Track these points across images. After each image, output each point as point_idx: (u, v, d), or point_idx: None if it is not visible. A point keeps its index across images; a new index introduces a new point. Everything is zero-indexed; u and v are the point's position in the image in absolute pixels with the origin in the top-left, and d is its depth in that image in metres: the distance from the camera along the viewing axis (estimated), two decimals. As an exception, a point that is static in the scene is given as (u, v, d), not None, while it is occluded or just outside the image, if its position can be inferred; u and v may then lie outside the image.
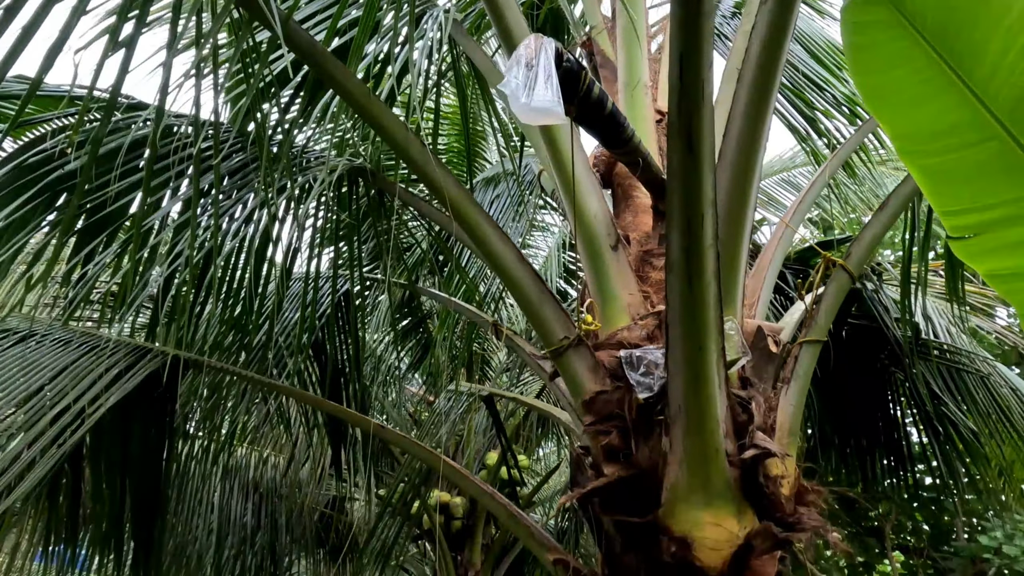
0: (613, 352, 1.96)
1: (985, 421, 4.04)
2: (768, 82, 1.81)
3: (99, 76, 1.58)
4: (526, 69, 1.49)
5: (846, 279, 2.21)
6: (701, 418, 1.73)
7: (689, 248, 1.67)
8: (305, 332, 3.15)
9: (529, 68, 1.49)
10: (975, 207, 1.38)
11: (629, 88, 2.38)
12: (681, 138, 1.61)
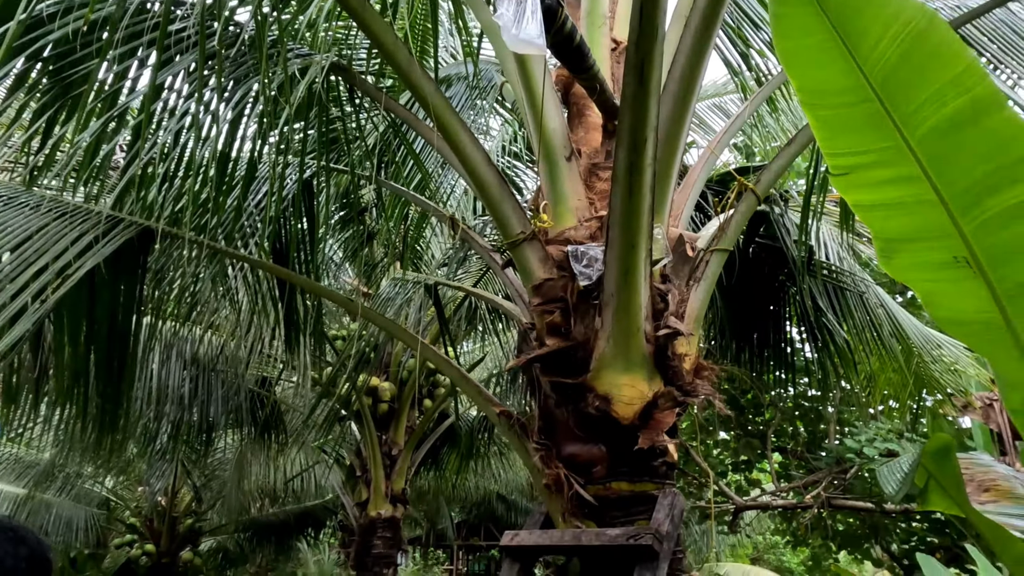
0: (561, 247, 2.36)
1: (860, 336, 4.72)
2: (709, 28, 2.17)
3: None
4: (515, 4, 1.80)
5: (754, 200, 2.66)
6: (628, 303, 2.17)
7: (632, 165, 2.06)
8: (272, 207, 3.41)
9: (518, 3, 1.80)
10: (851, 152, 1.81)
11: (590, 19, 2.68)
12: (635, 72, 1.96)
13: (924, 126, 1.64)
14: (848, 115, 1.76)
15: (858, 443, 8.98)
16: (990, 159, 1.60)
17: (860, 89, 1.69)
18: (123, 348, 3.62)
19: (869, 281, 4.67)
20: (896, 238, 1.85)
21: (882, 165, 1.76)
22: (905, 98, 1.64)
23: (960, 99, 1.56)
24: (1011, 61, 2.91)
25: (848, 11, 1.61)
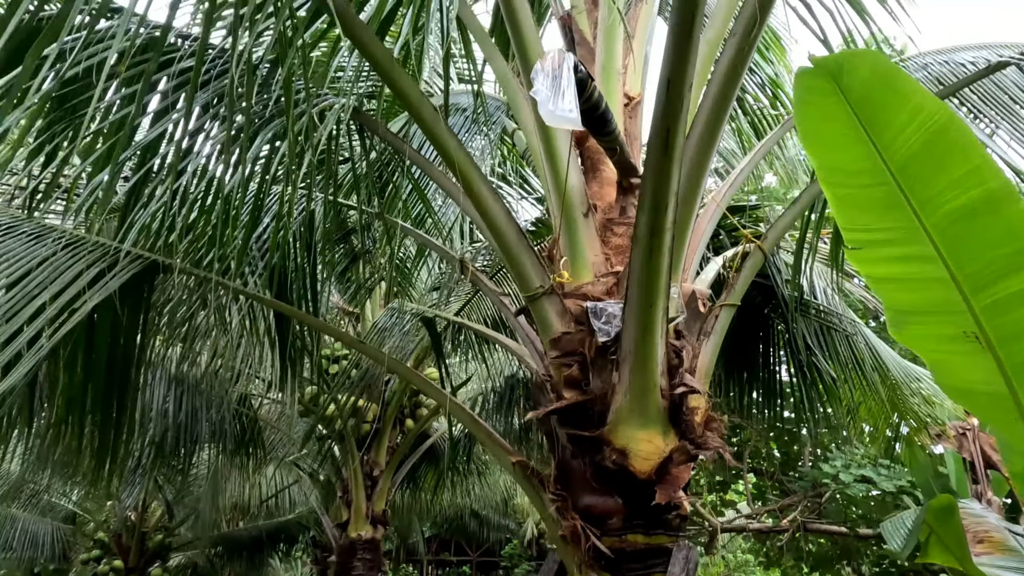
0: (579, 301, 2.43)
1: (844, 370, 4.87)
2: (727, 98, 2.26)
3: None
4: (551, 79, 1.87)
5: (761, 257, 2.76)
6: (645, 360, 2.24)
7: (653, 228, 2.13)
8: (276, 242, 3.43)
9: (553, 79, 1.87)
10: (866, 228, 1.91)
11: (605, 74, 2.77)
12: (660, 141, 2.04)
13: (940, 211, 1.74)
14: (865, 195, 1.85)
15: (834, 468, 9.16)
16: (1003, 246, 1.70)
17: (879, 172, 1.78)
18: (124, 380, 3.60)
19: (857, 321, 4.81)
20: (907, 310, 1.95)
21: (897, 243, 1.86)
22: (923, 184, 1.73)
23: (976, 190, 1.66)
24: (1005, 124, 3.06)
25: (871, 103, 1.70)
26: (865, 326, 5.56)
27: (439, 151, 2.43)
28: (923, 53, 3.86)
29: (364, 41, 2.28)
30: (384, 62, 2.32)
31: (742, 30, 2.17)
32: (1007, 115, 3.04)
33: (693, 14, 1.83)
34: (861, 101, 1.71)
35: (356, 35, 2.26)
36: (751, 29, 2.15)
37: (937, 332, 1.90)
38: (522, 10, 2.46)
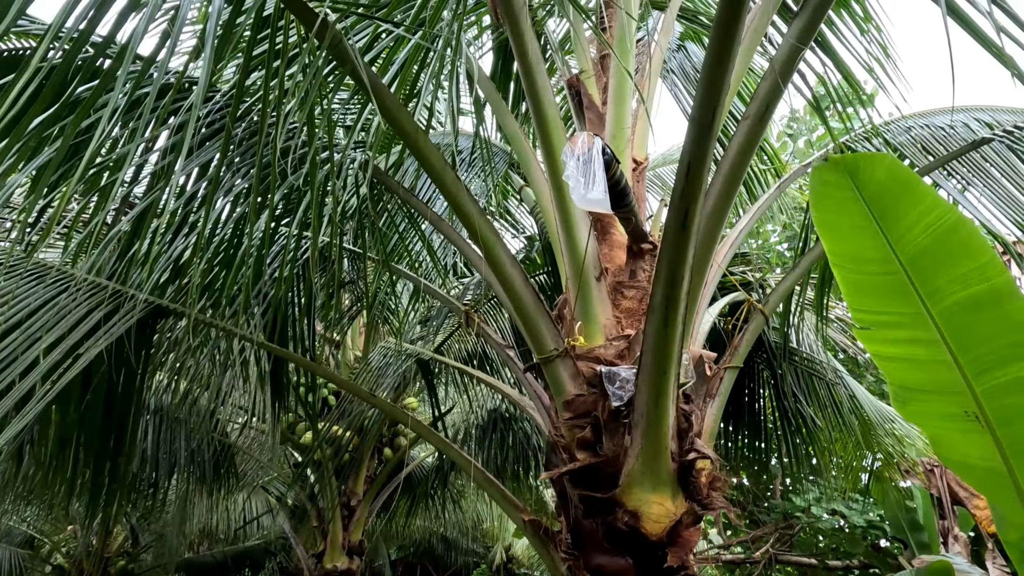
0: (591, 364, 2.51)
1: (823, 412, 5.03)
2: (738, 175, 2.37)
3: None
4: (581, 163, 1.96)
5: (762, 320, 2.87)
6: (657, 424, 2.32)
7: (669, 299, 2.23)
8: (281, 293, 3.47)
9: (583, 163, 1.96)
10: (875, 311, 2.02)
11: (615, 141, 2.87)
12: (678, 218, 2.14)
13: (947, 301, 1.86)
14: (875, 281, 1.97)
15: (805, 501, 9.34)
16: (1004, 336, 1.82)
17: (889, 262, 1.90)
18: (122, 421, 3.58)
19: (837, 367, 4.97)
20: (911, 388, 2.06)
21: (904, 327, 1.98)
22: (931, 275, 1.85)
23: (982, 284, 1.78)
24: (990, 194, 3.23)
25: (885, 200, 1.82)
26: (841, 366, 5.75)
27: (460, 217, 2.50)
28: (904, 116, 4.06)
29: (391, 109, 2.35)
30: (410, 131, 2.39)
31: (755, 113, 2.29)
32: (992, 185, 3.22)
33: (715, 111, 1.94)
34: (875, 198, 1.83)
35: (384, 104, 2.33)
36: (763, 114, 2.27)
37: (939, 410, 2.02)
38: (540, 76, 2.55)
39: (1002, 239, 3.20)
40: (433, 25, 2.44)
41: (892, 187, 1.80)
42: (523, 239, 6.11)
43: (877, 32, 3.67)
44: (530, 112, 2.55)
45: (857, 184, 1.84)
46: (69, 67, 2.04)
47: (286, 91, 2.62)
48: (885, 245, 1.88)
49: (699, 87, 2.01)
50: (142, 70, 1.98)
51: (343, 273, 5.34)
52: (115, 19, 1.88)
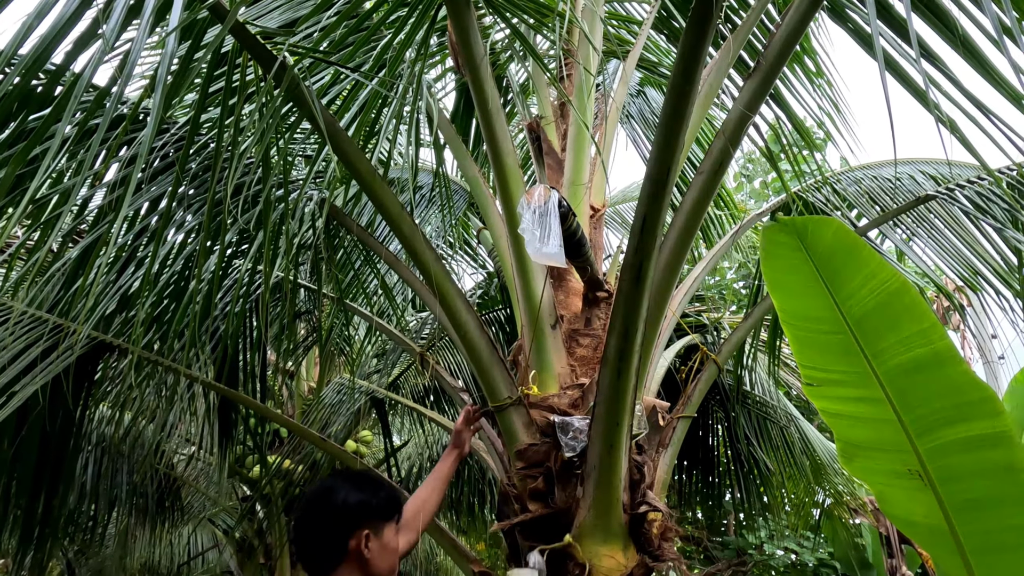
0: (545, 413, 2.49)
1: (776, 454, 5.09)
2: (691, 229, 2.41)
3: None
4: (536, 217, 1.97)
5: (715, 370, 2.90)
6: (609, 476, 2.31)
7: (622, 351, 2.23)
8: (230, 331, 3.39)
9: (539, 216, 1.97)
10: (822, 368, 2.05)
11: (572, 188, 2.90)
12: (633, 272, 2.16)
13: (891, 362, 1.90)
14: (823, 340, 2.00)
15: (758, 538, 9.40)
16: (946, 398, 1.86)
17: (836, 322, 1.94)
18: (58, 458, 3.44)
19: (793, 412, 5.04)
20: (857, 444, 2.09)
21: (850, 385, 2.01)
22: (876, 337, 1.89)
23: (924, 348, 1.83)
24: (934, 245, 3.34)
25: (833, 262, 1.86)
26: (793, 406, 5.84)
27: (416, 263, 2.48)
28: (854, 168, 4.19)
29: (349, 155, 2.33)
30: (367, 177, 2.38)
31: (708, 169, 2.33)
32: (936, 236, 3.33)
33: (669, 169, 1.97)
34: (824, 259, 1.87)
35: (341, 149, 2.32)
36: (716, 169, 2.32)
37: (884, 467, 2.05)
38: (499, 126, 2.56)
39: (945, 289, 3.30)
40: (394, 69, 2.44)
41: (839, 250, 1.85)
42: (483, 274, 6.11)
43: (828, 87, 3.79)
44: (489, 158, 2.55)
45: (806, 245, 1.87)
46: (19, 95, 1.99)
47: (242, 128, 2.59)
48: (833, 306, 1.91)
49: (654, 146, 2.04)
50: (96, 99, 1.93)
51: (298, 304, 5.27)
52: (69, 48, 1.83)
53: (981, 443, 1.87)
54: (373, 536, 1.73)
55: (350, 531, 1.70)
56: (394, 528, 1.80)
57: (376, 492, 1.80)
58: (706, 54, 1.88)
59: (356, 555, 1.70)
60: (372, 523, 1.74)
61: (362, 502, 1.75)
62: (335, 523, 1.71)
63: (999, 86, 2.66)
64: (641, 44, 3.36)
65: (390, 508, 1.80)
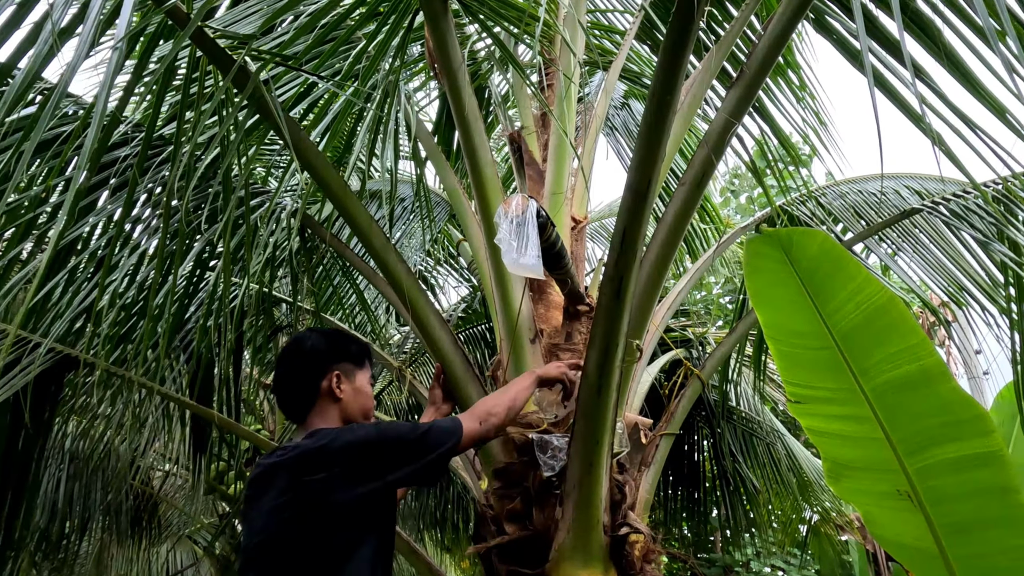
0: (523, 431, 2.41)
1: (762, 470, 5.03)
2: (673, 243, 2.34)
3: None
4: (513, 227, 1.90)
5: (699, 386, 2.83)
6: (590, 496, 2.23)
7: (602, 366, 2.16)
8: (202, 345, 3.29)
9: (516, 226, 1.90)
10: (807, 385, 1.99)
11: (553, 198, 2.83)
12: (613, 286, 2.09)
13: (879, 379, 1.83)
14: (809, 356, 1.94)
15: (744, 556, 9.31)
16: (935, 416, 1.80)
17: (822, 337, 1.87)
18: (20, 479, 3.32)
19: (779, 428, 4.98)
20: (845, 464, 2.03)
21: (837, 402, 1.95)
22: (863, 353, 1.83)
23: (912, 365, 1.77)
24: (919, 260, 3.30)
25: (818, 276, 1.80)
26: (779, 422, 5.79)
27: (388, 278, 2.41)
28: (839, 182, 4.15)
29: (317, 167, 2.26)
30: (336, 189, 2.30)
31: (691, 180, 2.28)
32: (922, 251, 3.30)
33: (650, 180, 1.90)
34: (809, 273, 1.81)
35: (309, 161, 2.25)
36: (699, 181, 2.26)
37: (872, 488, 1.99)
38: (477, 135, 2.49)
39: (930, 304, 3.26)
40: (367, 77, 2.37)
41: (824, 263, 1.79)
42: (468, 287, 6.03)
43: (812, 100, 3.76)
44: (467, 168, 2.49)
45: (791, 258, 1.81)
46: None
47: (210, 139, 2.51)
48: (818, 320, 1.85)
49: (633, 157, 1.97)
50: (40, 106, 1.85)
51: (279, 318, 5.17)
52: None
53: (972, 463, 1.81)
54: (344, 378, 1.79)
55: (321, 373, 1.76)
56: (367, 375, 1.85)
57: (346, 339, 1.88)
58: (687, 62, 1.82)
59: (329, 395, 1.76)
60: (342, 365, 1.80)
61: (331, 345, 1.83)
62: (305, 366, 1.78)
63: (983, 98, 2.63)
64: (624, 54, 3.31)
65: (360, 355, 1.86)
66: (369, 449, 1.62)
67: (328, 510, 1.57)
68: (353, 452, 1.61)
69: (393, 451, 1.65)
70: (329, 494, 1.57)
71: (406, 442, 1.67)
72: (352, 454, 1.61)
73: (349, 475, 1.58)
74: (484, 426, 1.83)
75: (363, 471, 1.60)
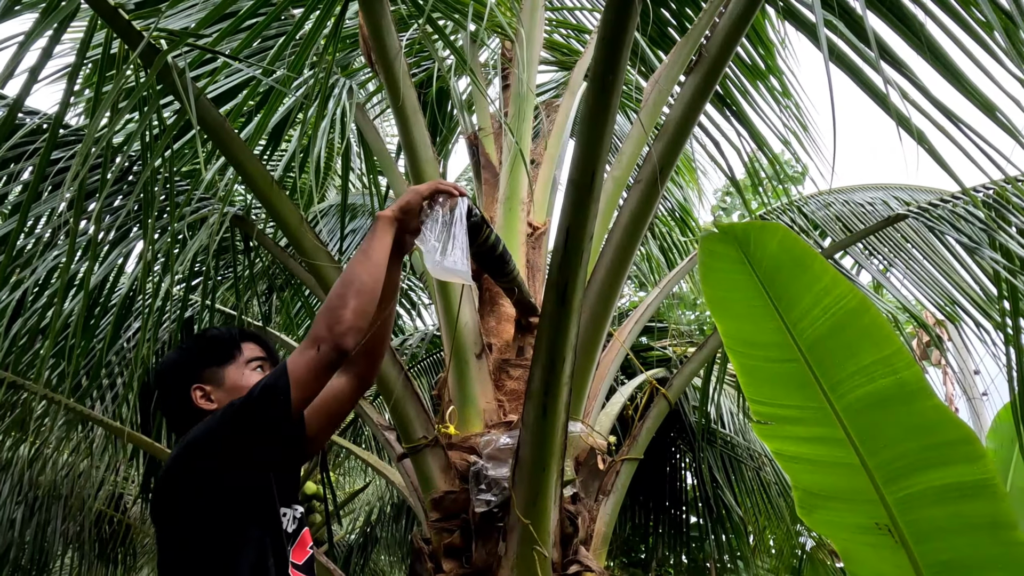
0: (465, 455, 2.17)
1: (750, 497, 4.76)
2: (630, 247, 2.13)
3: None
4: (439, 226, 1.67)
5: (665, 406, 2.60)
6: (536, 529, 1.99)
7: (548, 383, 1.93)
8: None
9: (442, 225, 1.67)
10: (773, 403, 1.75)
11: (508, 204, 2.62)
12: (557, 291, 1.87)
13: (851, 395, 1.60)
14: (773, 369, 1.70)
15: (738, 585, 9.00)
16: (916, 439, 1.56)
17: (787, 348, 1.64)
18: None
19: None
20: (816, 493, 1.79)
21: (805, 423, 1.71)
22: (832, 366, 1.60)
23: (888, 378, 1.54)
24: (911, 275, 3.10)
25: (781, 277, 1.57)
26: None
27: (319, 283, 2.19)
28: (824, 192, 3.95)
29: (238, 155, 2.05)
30: (260, 181, 2.09)
31: (647, 177, 2.07)
32: (914, 266, 3.09)
33: (594, 172, 1.69)
34: (769, 274, 1.58)
35: (228, 148, 2.03)
36: (655, 178, 2.05)
37: (848, 520, 1.74)
38: (416, 128, 2.28)
39: (923, 321, 3.04)
40: (297, 66, 2.17)
41: (786, 262, 1.56)
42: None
43: (797, 109, 3.57)
44: (407, 167, 2.28)
45: (749, 258, 1.59)
46: None
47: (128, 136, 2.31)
48: (782, 328, 1.62)
49: (576, 147, 1.77)
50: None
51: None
52: None
53: (960, 493, 1.57)
54: (211, 386, 1.53)
55: (185, 394, 1.52)
56: (242, 361, 1.55)
57: (202, 341, 1.64)
58: (631, 34, 1.61)
59: (204, 411, 1.50)
60: (204, 374, 1.54)
61: (186, 359, 1.58)
62: (170, 392, 1.56)
63: (970, 95, 2.43)
64: (590, 53, 3.11)
65: (223, 348, 1.57)
66: (201, 450, 1.39)
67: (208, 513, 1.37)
68: (192, 458, 1.40)
69: (218, 446, 1.38)
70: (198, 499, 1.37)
71: (224, 428, 1.38)
72: (191, 462, 1.40)
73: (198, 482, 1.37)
74: (328, 345, 1.35)
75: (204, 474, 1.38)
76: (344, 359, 1.39)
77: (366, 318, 1.42)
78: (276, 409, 1.35)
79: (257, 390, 1.37)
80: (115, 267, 2.56)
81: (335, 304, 1.39)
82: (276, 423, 1.37)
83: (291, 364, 1.37)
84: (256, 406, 1.36)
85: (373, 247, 1.48)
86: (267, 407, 1.35)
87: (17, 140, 2.38)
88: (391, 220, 1.53)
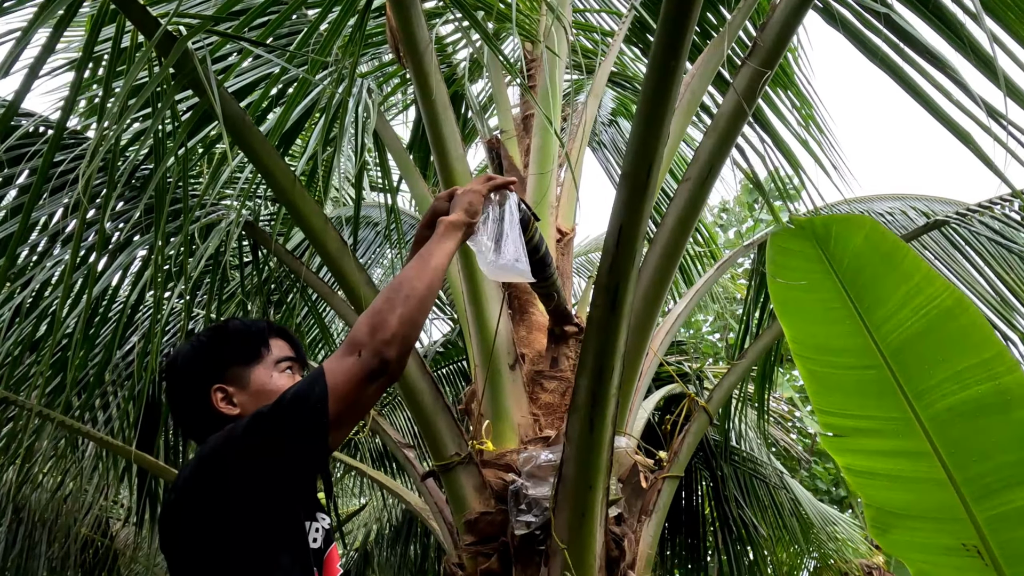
0: (501, 473, 2.03)
1: (764, 514, 4.65)
2: (678, 248, 2.01)
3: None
4: (490, 224, 1.54)
5: (706, 420, 2.46)
6: (581, 553, 1.84)
7: (596, 394, 1.79)
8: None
9: (494, 223, 1.54)
10: (844, 413, 1.62)
11: (538, 209, 2.49)
12: (607, 296, 1.73)
13: (939, 404, 1.47)
14: (849, 377, 1.57)
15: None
16: (1014, 451, 1.43)
17: (867, 353, 1.51)
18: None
19: (780, 469, 4.61)
20: (894, 512, 1.64)
21: (885, 435, 1.57)
22: (920, 372, 1.47)
23: (986, 384, 1.40)
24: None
25: (864, 276, 1.44)
26: (778, 462, 5.43)
27: (343, 287, 2.05)
28: (847, 200, 3.86)
29: (260, 153, 1.91)
30: (283, 181, 1.95)
31: (696, 176, 1.95)
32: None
33: (651, 165, 1.57)
34: (851, 272, 1.45)
35: (251, 147, 1.89)
36: (706, 176, 1.93)
37: (930, 541, 1.61)
38: (446, 125, 2.15)
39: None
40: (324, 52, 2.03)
41: (872, 259, 1.44)
42: (449, 322, 5.65)
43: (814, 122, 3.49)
44: (435, 165, 2.14)
45: (828, 255, 1.46)
46: None
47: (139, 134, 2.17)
48: (863, 332, 1.49)
49: (631, 138, 1.64)
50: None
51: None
52: None
53: (1060, 511, 1.44)
54: (234, 388, 1.34)
55: (204, 396, 1.34)
56: (270, 362, 1.36)
57: (224, 338, 1.40)
58: (697, 12, 1.50)
59: (225, 415, 1.33)
60: (226, 374, 1.35)
61: (206, 357, 1.37)
62: (186, 392, 1.37)
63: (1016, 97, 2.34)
64: (613, 56, 3.02)
65: (250, 347, 1.37)
66: (222, 468, 1.20)
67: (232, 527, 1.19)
68: (210, 476, 1.22)
69: (242, 463, 1.20)
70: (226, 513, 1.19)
71: (249, 440, 1.19)
72: (209, 481, 1.21)
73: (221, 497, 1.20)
74: (369, 352, 1.19)
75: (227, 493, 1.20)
76: (385, 373, 1.21)
77: (415, 329, 1.25)
78: (310, 423, 1.17)
79: (288, 398, 1.20)
80: (121, 273, 2.39)
81: (381, 308, 1.22)
82: (309, 438, 1.19)
83: (328, 371, 1.20)
84: (287, 417, 1.18)
85: (434, 253, 1.31)
86: (300, 419, 1.18)
87: (13, 142, 2.24)
88: (460, 225, 1.38)
